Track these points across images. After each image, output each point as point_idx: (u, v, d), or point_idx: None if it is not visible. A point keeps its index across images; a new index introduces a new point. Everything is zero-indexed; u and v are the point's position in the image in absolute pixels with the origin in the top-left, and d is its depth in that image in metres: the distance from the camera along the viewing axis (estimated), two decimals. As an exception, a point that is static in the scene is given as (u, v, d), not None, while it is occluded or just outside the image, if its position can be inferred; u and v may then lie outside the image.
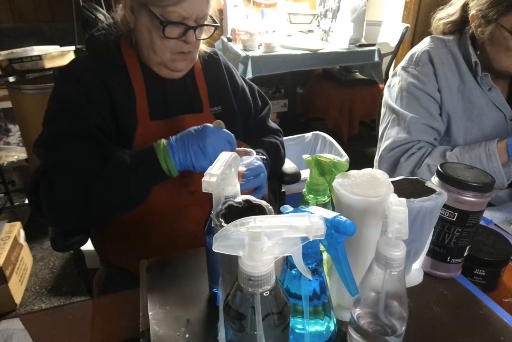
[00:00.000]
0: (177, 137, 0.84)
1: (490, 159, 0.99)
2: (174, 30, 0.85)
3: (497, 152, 0.99)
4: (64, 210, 0.86)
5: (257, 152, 1.02)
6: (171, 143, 0.82)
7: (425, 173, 1.04)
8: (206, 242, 0.60)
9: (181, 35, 0.86)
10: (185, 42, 0.87)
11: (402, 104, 1.12)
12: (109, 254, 1.07)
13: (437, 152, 1.05)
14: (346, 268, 0.48)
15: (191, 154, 0.81)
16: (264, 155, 1.03)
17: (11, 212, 2.41)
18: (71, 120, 0.89)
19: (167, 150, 0.81)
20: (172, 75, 0.94)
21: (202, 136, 0.81)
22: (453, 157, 1.03)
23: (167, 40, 0.86)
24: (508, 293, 0.76)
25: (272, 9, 3.27)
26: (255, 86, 1.19)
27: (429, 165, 1.04)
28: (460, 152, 1.03)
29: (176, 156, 0.81)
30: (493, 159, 0.99)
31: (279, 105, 3.31)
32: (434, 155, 1.05)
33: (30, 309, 1.78)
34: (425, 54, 1.11)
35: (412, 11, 3.32)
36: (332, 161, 0.60)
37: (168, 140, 0.83)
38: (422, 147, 1.08)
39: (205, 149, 0.80)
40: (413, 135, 1.08)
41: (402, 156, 1.09)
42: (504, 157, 0.99)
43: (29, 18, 3.10)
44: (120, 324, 0.72)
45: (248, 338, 0.41)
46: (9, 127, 3.03)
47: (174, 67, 0.91)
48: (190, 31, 0.86)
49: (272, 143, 1.12)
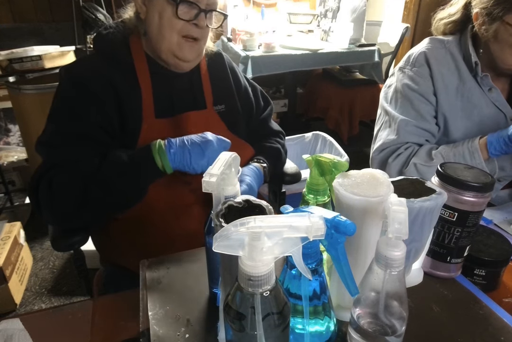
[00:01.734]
0: (176, 138, 0.87)
1: (473, 156, 1.01)
2: (187, 12, 0.87)
3: (479, 149, 1.00)
4: (63, 208, 0.88)
5: (257, 160, 1.06)
6: (170, 141, 0.86)
7: (413, 171, 1.06)
8: (206, 242, 0.60)
9: (192, 18, 0.88)
10: (196, 26, 0.89)
11: (396, 106, 1.14)
12: (110, 252, 1.07)
13: (423, 151, 1.07)
14: (346, 268, 0.48)
15: (191, 155, 0.84)
16: (265, 162, 1.06)
17: (11, 212, 2.41)
18: (74, 120, 0.90)
19: (162, 147, 0.85)
20: (179, 65, 0.94)
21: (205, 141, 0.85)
22: (438, 155, 1.04)
23: (176, 21, 0.87)
24: (508, 293, 0.76)
25: (272, 9, 3.27)
26: (258, 87, 1.20)
27: (415, 164, 1.05)
28: (445, 150, 1.05)
29: (172, 151, 0.84)
30: (476, 156, 1.01)
31: (279, 105, 3.31)
32: (420, 154, 1.07)
33: (30, 309, 1.77)
34: (422, 56, 1.11)
35: (412, 11, 3.32)
36: (332, 161, 0.60)
37: (167, 139, 0.87)
38: (409, 147, 1.10)
39: (206, 152, 0.84)
40: (401, 137, 1.10)
41: (390, 157, 1.11)
42: (485, 154, 1.01)
43: (29, 18, 3.09)
44: (120, 324, 0.72)
45: (248, 338, 0.41)
46: (9, 127, 3.03)
47: (182, 54, 0.91)
48: (202, 14, 0.88)
49: (274, 149, 1.14)
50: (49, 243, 0.96)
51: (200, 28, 0.89)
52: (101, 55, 0.96)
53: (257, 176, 1.00)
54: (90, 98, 0.89)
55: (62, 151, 0.89)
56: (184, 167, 0.86)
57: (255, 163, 1.05)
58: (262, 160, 1.06)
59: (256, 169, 1.02)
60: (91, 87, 0.90)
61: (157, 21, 0.88)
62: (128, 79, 0.93)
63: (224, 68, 1.09)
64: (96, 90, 0.90)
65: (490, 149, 0.99)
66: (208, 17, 0.90)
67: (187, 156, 0.84)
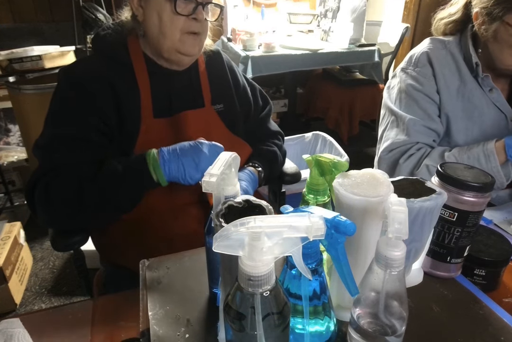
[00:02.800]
0: (169, 149, 0.87)
1: (488, 159, 0.99)
2: (185, 7, 0.88)
3: (495, 152, 0.98)
4: (58, 212, 0.89)
5: (252, 164, 1.07)
6: (162, 154, 0.86)
7: (424, 173, 1.04)
8: (206, 242, 0.60)
9: (190, 13, 0.88)
10: (195, 21, 0.89)
11: (401, 106, 1.13)
12: (110, 252, 1.07)
13: (436, 153, 1.06)
14: (346, 268, 0.48)
15: (184, 167, 0.84)
16: (260, 166, 1.07)
17: (11, 212, 2.41)
18: (71, 121, 0.90)
19: (157, 160, 0.85)
20: (182, 60, 0.94)
21: (197, 151, 0.85)
22: (451, 157, 1.03)
23: (177, 18, 0.88)
24: (508, 293, 0.76)
25: (272, 9, 3.27)
26: (257, 86, 1.20)
27: (428, 166, 1.04)
28: (459, 153, 1.03)
29: (166, 166, 0.85)
30: (492, 160, 0.98)
31: (279, 105, 3.31)
32: (433, 156, 1.05)
33: (30, 309, 1.77)
34: (424, 56, 1.11)
35: (412, 11, 3.32)
36: (332, 161, 0.60)
37: (160, 151, 0.87)
38: (421, 148, 1.08)
39: (200, 163, 0.84)
40: (411, 137, 1.08)
41: (401, 158, 1.09)
42: (502, 158, 0.99)
43: (29, 18, 3.10)
44: (120, 324, 0.72)
45: (248, 338, 0.41)
46: (9, 127, 3.03)
47: (185, 50, 0.92)
48: (199, 7, 0.89)
49: (270, 152, 1.14)
50: (49, 243, 0.96)
51: (200, 22, 0.90)
52: (100, 56, 0.96)
53: (252, 180, 1.01)
54: (88, 99, 0.89)
55: (59, 156, 0.89)
56: (179, 180, 0.87)
57: (250, 167, 1.06)
58: (257, 165, 1.07)
59: (251, 174, 1.03)
60: (89, 87, 0.90)
61: (157, 20, 0.89)
62: (127, 80, 0.93)
63: (222, 67, 1.09)
64: (94, 90, 0.90)
65: (509, 152, 0.97)
66: (205, 11, 0.91)
67: (182, 170, 0.85)
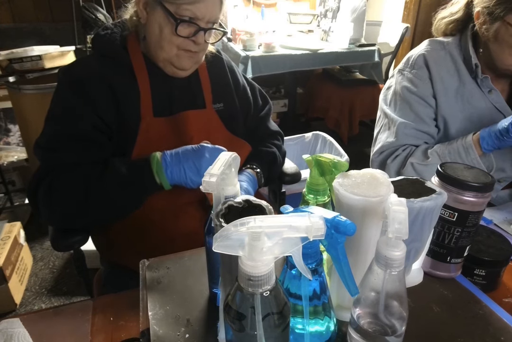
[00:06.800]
0: (172, 152, 0.88)
1: (468, 152, 1.02)
2: (186, 29, 0.87)
3: (473, 144, 1.01)
4: (62, 212, 0.89)
5: (251, 165, 1.07)
6: (165, 158, 0.87)
7: (410, 171, 1.07)
8: (206, 242, 0.60)
9: (191, 35, 0.88)
10: (194, 43, 0.89)
11: (395, 108, 1.14)
12: (110, 252, 1.07)
13: (419, 151, 1.08)
14: (346, 268, 0.48)
15: (185, 171, 0.85)
16: (258, 168, 1.07)
17: (11, 212, 2.41)
18: (71, 121, 0.90)
19: (160, 164, 0.86)
20: (176, 73, 0.95)
21: (199, 155, 0.85)
22: (434, 154, 1.05)
23: (177, 37, 0.88)
24: (508, 293, 0.76)
25: (272, 9, 3.27)
26: (257, 86, 1.20)
27: (412, 163, 1.07)
28: (440, 148, 1.06)
29: (169, 170, 0.86)
30: (471, 152, 1.01)
31: (279, 105, 3.31)
32: (417, 154, 1.08)
33: (30, 309, 1.77)
34: (421, 58, 1.11)
35: (412, 11, 3.32)
36: (332, 161, 0.60)
37: (163, 154, 0.88)
38: (406, 148, 1.11)
39: (201, 168, 0.85)
40: (399, 140, 1.11)
41: (389, 158, 1.12)
42: (479, 150, 1.02)
43: (29, 18, 3.10)
44: (120, 324, 0.72)
45: (248, 338, 0.41)
46: (9, 127, 3.03)
47: (180, 64, 0.92)
48: (201, 32, 0.88)
49: (269, 153, 1.14)
50: (49, 243, 0.96)
51: (198, 45, 0.90)
52: (99, 56, 0.96)
53: (251, 182, 1.02)
54: (87, 98, 0.89)
55: (59, 155, 0.90)
56: (181, 184, 0.88)
57: (249, 169, 1.06)
58: (255, 166, 1.07)
59: (250, 176, 1.03)
60: (88, 87, 0.90)
61: (157, 31, 0.89)
62: (126, 79, 0.93)
63: (222, 66, 1.09)
64: (93, 90, 0.90)
65: (483, 144, 1.00)
66: (207, 34, 0.91)
67: (183, 174, 0.86)
